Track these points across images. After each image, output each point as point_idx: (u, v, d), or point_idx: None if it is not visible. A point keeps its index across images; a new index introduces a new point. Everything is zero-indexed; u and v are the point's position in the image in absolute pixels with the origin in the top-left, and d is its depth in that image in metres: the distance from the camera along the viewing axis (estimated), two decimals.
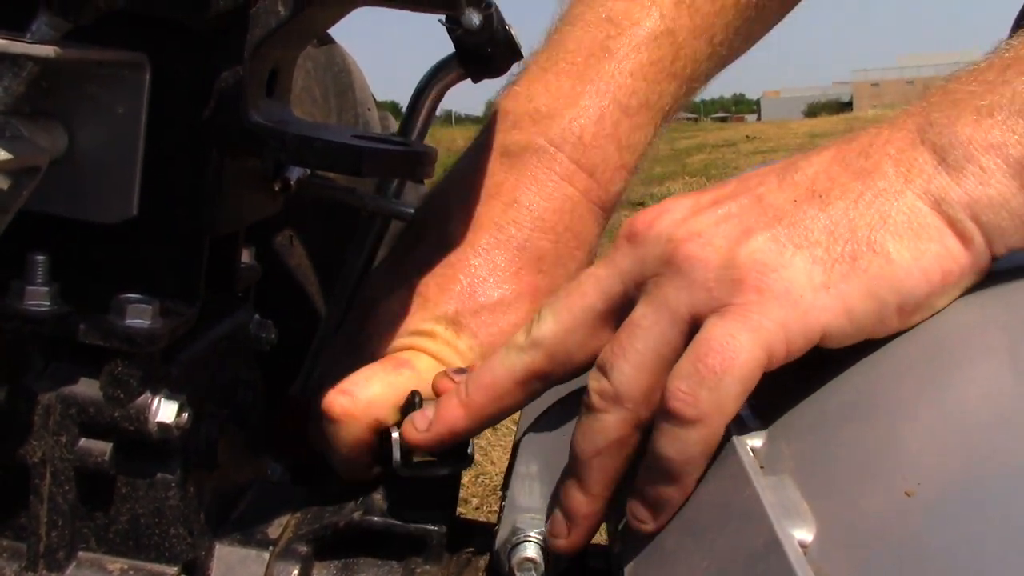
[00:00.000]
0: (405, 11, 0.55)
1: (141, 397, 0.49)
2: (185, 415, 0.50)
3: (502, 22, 0.68)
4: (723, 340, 0.39)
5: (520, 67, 0.66)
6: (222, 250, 0.58)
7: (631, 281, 0.45)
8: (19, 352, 0.50)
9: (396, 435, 0.52)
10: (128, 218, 0.49)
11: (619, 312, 0.46)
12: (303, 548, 0.53)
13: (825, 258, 0.40)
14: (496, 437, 2.33)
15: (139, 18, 0.48)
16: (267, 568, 0.53)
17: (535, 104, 0.63)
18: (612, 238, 0.49)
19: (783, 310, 0.40)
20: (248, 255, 0.64)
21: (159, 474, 0.51)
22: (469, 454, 0.53)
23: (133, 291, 0.50)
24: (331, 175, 0.73)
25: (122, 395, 0.49)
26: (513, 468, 0.55)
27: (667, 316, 0.42)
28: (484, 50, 0.68)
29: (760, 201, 0.43)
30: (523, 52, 0.69)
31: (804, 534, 0.34)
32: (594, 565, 0.50)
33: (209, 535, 0.53)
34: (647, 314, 0.43)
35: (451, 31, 0.68)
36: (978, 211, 0.40)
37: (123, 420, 0.49)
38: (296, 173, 0.64)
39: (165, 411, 0.49)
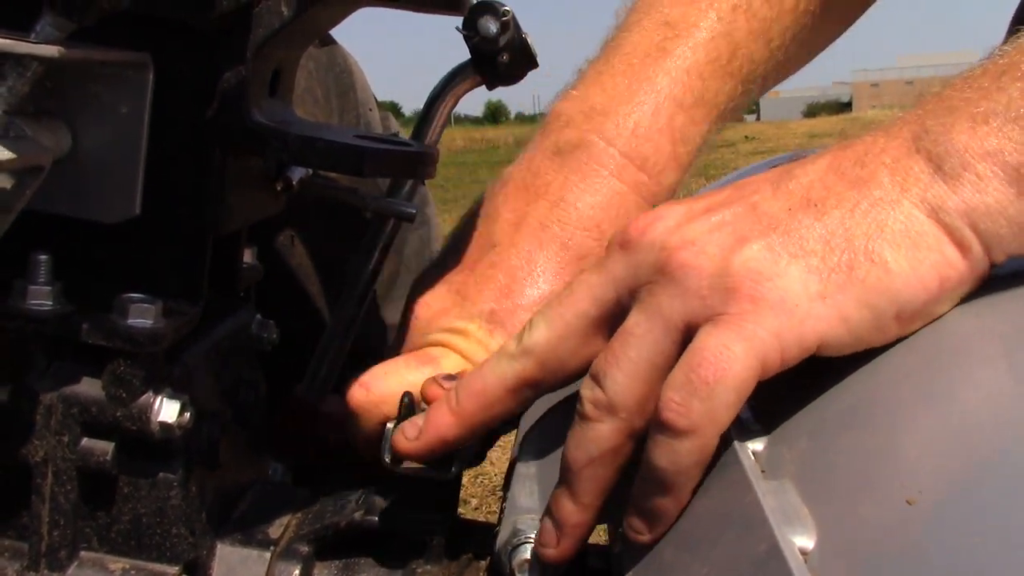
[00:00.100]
0: (407, 11, 0.55)
1: (143, 397, 0.49)
2: (187, 415, 0.50)
3: (518, 29, 0.68)
4: (716, 350, 0.39)
5: (575, 74, 0.66)
6: (224, 250, 0.58)
7: (624, 288, 0.44)
8: (22, 351, 0.50)
9: (389, 427, 0.51)
10: (131, 218, 0.50)
11: (612, 320, 0.45)
12: (304, 548, 0.53)
13: (821, 268, 0.40)
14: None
15: (143, 18, 0.48)
16: (268, 568, 0.53)
17: (590, 103, 0.63)
18: None
19: (778, 319, 0.39)
20: (250, 255, 0.64)
21: (161, 474, 0.51)
22: (453, 470, 0.52)
23: (136, 291, 0.50)
24: (333, 175, 0.73)
25: (124, 395, 0.49)
26: (513, 469, 0.55)
27: (660, 325, 0.42)
28: (500, 57, 0.68)
29: (754, 209, 0.43)
30: (538, 60, 0.69)
31: (805, 541, 0.34)
32: (594, 565, 0.50)
33: (211, 535, 0.53)
34: (640, 322, 0.43)
35: (467, 38, 0.68)
36: (976, 219, 0.40)
37: (125, 420, 0.49)
38: (298, 173, 0.64)
39: (167, 411, 0.49)
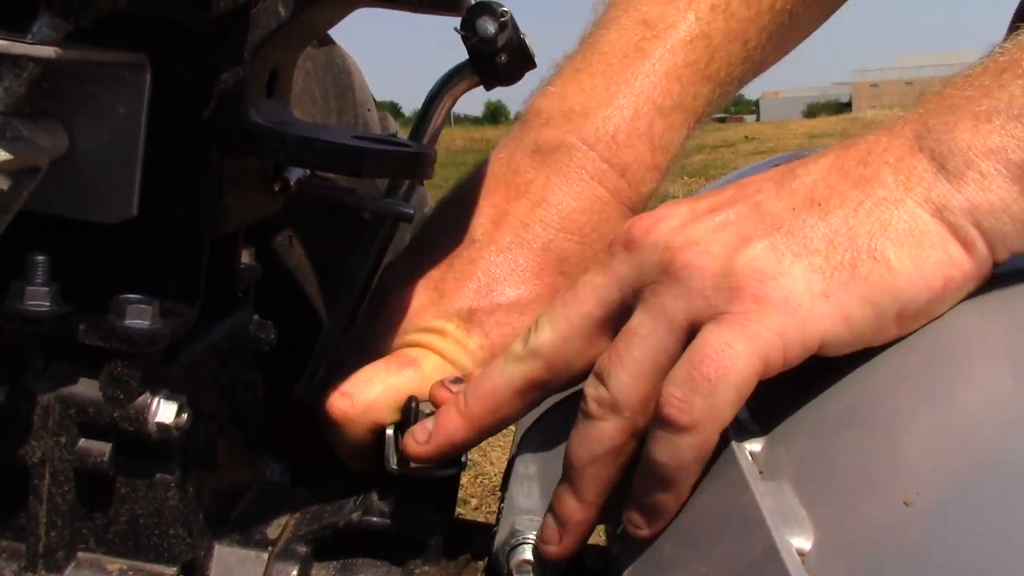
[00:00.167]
0: (405, 12, 0.55)
1: (141, 398, 0.49)
2: (184, 416, 0.50)
3: (516, 30, 0.68)
4: (719, 348, 0.39)
5: (552, 69, 0.66)
6: (222, 250, 0.58)
7: (628, 288, 0.45)
8: (19, 352, 0.50)
9: (390, 434, 0.51)
10: (128, 218, 0.49)
11: (616, 319, 0.45)
12: (302, 549, 0.53)
13: (824, 267, 0.40)
14: (495, 437, 2.33)
15: (140, 19, 0.48)
16: (266, 568, 0.53)
17: (569, 103, 0.62)
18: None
19: (781, 319, 0.39)
20: (248, 255, 0.64)
21: (158, 475, 0.51)
22: (463, 461, 0.52)
23: (133, 291, 0.50)
24: (331, 176, 0.72)
25: (121, 395, 0.49)
26: (512, 469, 0.55)
27: (664, 324, 0.42)
28: (498, 58, 0.68)
29: (758, 209, 0.43)
30: (536, 61, 0.69)
31: (802, 542, 0.34)
32: (592, 565, 0.50)
33: (208, 535, 0.53)
34: (644, 322, 0.43)
35: (465, 38, 0.67)
36: (980, 217, 0.40)
37: (122, 420, 0.49)
38: (296, 174, 0.64)
39: (164, 412, 0.49)
